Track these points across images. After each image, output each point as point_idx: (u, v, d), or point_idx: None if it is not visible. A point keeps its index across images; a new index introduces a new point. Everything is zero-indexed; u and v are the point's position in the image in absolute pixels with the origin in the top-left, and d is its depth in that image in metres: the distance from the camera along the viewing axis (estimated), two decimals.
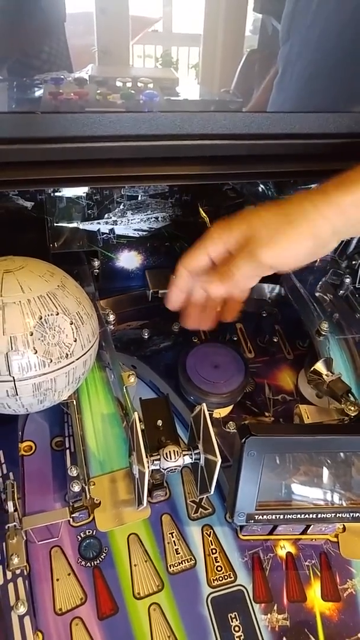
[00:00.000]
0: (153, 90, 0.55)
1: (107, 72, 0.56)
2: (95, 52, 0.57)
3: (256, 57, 0.67)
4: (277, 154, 0.47)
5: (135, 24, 0.57)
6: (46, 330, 0.37)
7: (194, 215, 0.59)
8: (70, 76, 0.57)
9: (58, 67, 0.59)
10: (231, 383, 0.49)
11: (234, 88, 0.65)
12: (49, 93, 0.54)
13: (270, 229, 0.38)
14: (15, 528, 0.37)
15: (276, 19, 0.64)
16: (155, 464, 0.37)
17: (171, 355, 0.54)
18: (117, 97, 0.54)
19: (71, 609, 0.37)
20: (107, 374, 0.51)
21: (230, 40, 0.62)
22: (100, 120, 0.40)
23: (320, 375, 0.46)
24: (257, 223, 0.39)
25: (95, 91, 0.54)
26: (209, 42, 0.60)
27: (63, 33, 0.58)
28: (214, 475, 0.36)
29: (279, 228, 0.37)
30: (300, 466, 0.39)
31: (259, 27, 0.66)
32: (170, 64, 0.63)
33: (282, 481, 0.39)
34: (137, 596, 0.38)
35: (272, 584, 0.39)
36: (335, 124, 0.47)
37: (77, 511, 0.40)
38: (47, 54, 0.59)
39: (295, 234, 0.37)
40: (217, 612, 0.38)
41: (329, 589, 0.40)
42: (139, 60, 0.61)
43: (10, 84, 0.59)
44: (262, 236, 0.38)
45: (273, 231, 0.37)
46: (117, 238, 0.58)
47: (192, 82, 0.65)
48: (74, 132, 0.40)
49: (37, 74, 0.58)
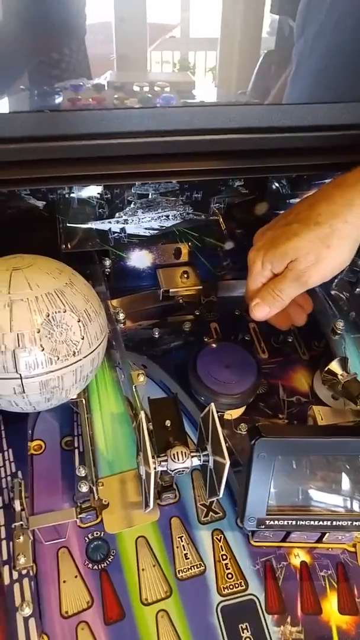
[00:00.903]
0: (170, 93, 0.55)
1: (125, 77, 0.56)
2: (114, 60, 0.58)
3: (273, 58, 0.66)
4: (289, 147, 0.46)
5: (153, 31, 0.58)
6: (53, 328, 0.37)
7: (205, 213, 0.58)
8: (89, 83, 0.58)
9: (77, 75, 0.60)
10: (243, 384, 0.48)
11: (251, 89, 0.65)
12: (67, 99, 0.55)
13: (310, 257, 0.41)
14: (22, 527, 0.36)
15: (293, 19, 0.63)
16: (162, 465, 0.36)
17: (182, 354, 0.53)
18: (134, 102, 0.54)
19: (77, 613, 0.36)
20: (118, 373, 0.50)
21: (247, 42, 0.62)
22: (108, 116, 0.40)
23: (335, 376, 0.44)
24: (296, 253, 0.41)
25: (112, 96, 0.54)
26: (226, 45, 0.60)
27: (83, 42, 0.59)
28: (222, 478, 0.35)
29: (320, 254, 0.40)
30: (316, 470, 0.37)
31: (276, 28, 0.65)
32: (188, 68, 0.63)
33: (295, 486, 0.37)
34: (145, 602, 0.37)
35: (285, 595, 0.38)
36: (350, 115, 0.45)
37: (85, 512, 0.39)
38: (67, 62, 0.60)
39: (336, 253, 0.41)
40: (227, 622, 0.36)
41: (347, 602, 0.38)
42: (156, 65, 0.62)
43: (30, 92, 0.60)
44: (306, 265, 0.41)
45: (314, 258, 0.41)
46: (128, 237, 0.58)
47: (209, 84, 0.65)
48: (82, 129, 0.40)
49: (56, 82, 0.59)
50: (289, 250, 0.41)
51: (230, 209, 0.59)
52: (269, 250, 0.43)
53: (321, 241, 0.40)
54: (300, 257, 0.41)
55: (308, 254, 0.40)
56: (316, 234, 0.40)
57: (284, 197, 0.59)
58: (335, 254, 0.40)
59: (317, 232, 0.40)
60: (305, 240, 0.41)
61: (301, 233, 0.41)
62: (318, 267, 0.40)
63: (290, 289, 0.42)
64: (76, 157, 0.42)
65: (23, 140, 0.41)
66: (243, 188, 0.57)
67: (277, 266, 0.43)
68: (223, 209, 0.58)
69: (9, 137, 0.40)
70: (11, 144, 0.40)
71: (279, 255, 0.42)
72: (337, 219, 0.40)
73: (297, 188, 0.58)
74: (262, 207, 0.59)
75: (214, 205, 0.57)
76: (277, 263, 0.42)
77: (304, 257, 0.41)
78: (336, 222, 0.40)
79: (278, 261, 0.42)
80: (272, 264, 0.43)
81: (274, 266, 0.43)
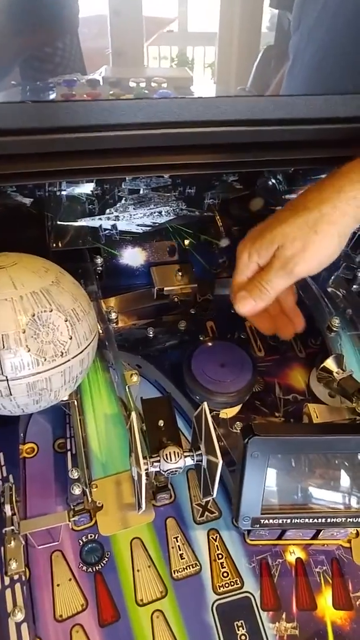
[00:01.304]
0: (167, 89, 0.54)
1: (121, 73, 0.56)
2: (109, 54, 0.57)
3: (273, 53, 0.65)
4: (282, 140, 0.45)
5: (149, 25, 0.57)
6: (39, 328, 0.36)
7: (199, 209, 0.58)
8: (84, 78, 0.57)
9: (71, 70, 0.59)
10: (238, 382, 0.47)
11: (250, 85, 0.64)
12: (61, 95, 0.54)
13: (297, 243, 0.39)
14: (13, 532, 0.36)
15: (292, 13, 0.62)
16: (155, 465, 0.35)
17: (177, 354, 0.53)
18: (130, 98, 0.53)
19: (72, 616, 0.36)
20: (111, 373, 0.50)
21: (247, 37, 0.61)
22: (94, 108, 0.39)
23: (331, 373, 0.44)
24: (283, 239, 0.40)
25: (107, 92, 0.53)
26: (224, 40, 0.59)
27: (76, 36, 0.58)
28: (215, 477, 0.34)
29: (307, 240, 0.39)
30: (311, 467, 0.37)
31: (275, 23, 0.64)
32: (186, 63, 0.62)
33: (289, 484, 0.37)
34: (140, 603, 0.37)
35: (280, 591, 0.38)
36: (345, 108, 0.44)
37: (78, 515, 0.39)
38: (60, 56, 0.59)
39: (323, 240, 0.39)
40: (223, 620, 0.36)
41: (341, 597, 0.38)
42: (153, 61, 0.61)
43: (23, 87, 0.59)
44: (292, 252, 0.39)
45: (301, 244, 0.39)
46: (120, 234, 0.57)
47: (208, 80, 0.64)
48: (70, 121, 0.39)
49: (50, 76, 0.58)
50: (276, 236, 0.40)
51: (225, 205, 0.58)
52: (256, 239, 0.41)
53: (309, 226, 0.39)
54: (287, 243, 0.39)
55: (295, 240, 0.39)
56: (304, 219, 0.39)
57: (279, 192, 0.58)
58: (323, 241, 0.39)
59: (304, 217, 0.39)
60: (293, 226, 0.39)
61: (289, 219, 0.40)
62: (305, 254, 0.39)
63: (277, 278, 0.40)
64: (64, 150, 0.41)
65: (7, 133, 0.39)
66: (237, 183, 0.56)
67: (263, 255, 0.41)
68: (217, 205, 0.57)
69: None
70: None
71: (265, 242, 0.40)
72: (326, 204, 0.38)
73: (293, 183, 0.57)
74: (257, 202, 0.58)
75: (208, 200, 0.57)
76: (263, 252, 0.41)
77: (291, 243, 0.39)
78: (325, 207, 0.38)
79: (265, 249, 0.41)
80: (259, 253, 0.41)
81: (261, 256, 0.41)
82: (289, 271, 0.39)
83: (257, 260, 0.42)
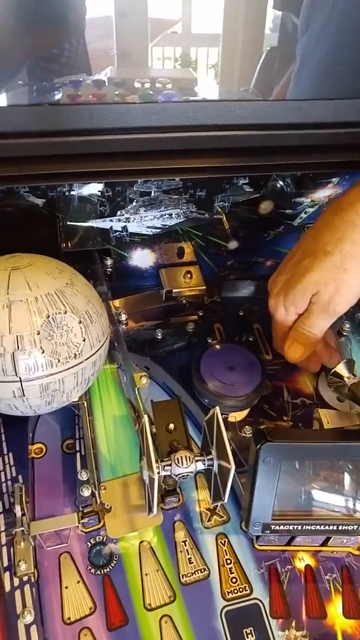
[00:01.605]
0: (171, 90, 0.54)
1: (126, 74, 0.56)
2: (115, 55, 0.57)
3: (276, 54, 0.65)
4: (294, 145, 0.45)
5: (154, 26, 0.57)
6: (54, 329, 0.36)
7: (209, 212, 0.57)
8: (89, 78, 0.57)
9: (77, 70, 0.59)
10: (247, 385, 0.47)
11: (254, 86, 0.64)
12: (67, 95, 0.54)
13: (331, 286, 0.41)
14: (23, 533, 0.36)
15: (296, 15, 0.62)
16: (166, 469, 0.35)
17: (185, 356, 0.53)
18: (135, 98, 0.53)
19: (80, 619, 0.36)
20: (120, 375, 0.50)
21: (250, 39, 0.61)
22: (109, 111, 0.39)
23: (342, 378, 0.44)
24: (316, 287, 0.41)
25: (113, 93, 0.53)
26: (228, 41, 0.60)
27: (83, 37, 0.58)
28: (227, 482, 0.34)
29: (339, 280, 0.41)
30: (321, 473, 0.37)
31: (278, 24, 0.64)
32: (189, 64, 0.62)
33: (300, 489, 0.37)
34: (148, 607, 0.36)
35: (290, 599, 0.37)
36: (355, 112, 0.44)
37: (87, 517, 0.39)
38: (67, 57, 0.60)
39: (354, 276, 0.41)
40: (232, 626, 0.36)
41: (352, 606, 0.37)
42: (157, 62, 0.61)
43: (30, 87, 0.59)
44: (329, 296, 0.41)
45: (335, 286, 0.41)
46: (130, 236, 0.57)
47: (211, 81, 0.64)
48: (82, 124, 0.39)
49: (56, 77, 0.58)
50: (308, 286, 0.42)
51: (235, 208, 0.58)
52: (287, 293, 0.43)
53: (336, 267, 0.40)
54: (321, 289, 0.41)
55: (328, 284, 0.41)
56: (329, 263, 0.41)
57: (288, 195, 0.58)
58: (354, 276, 0.41)
59: (329, 261, 0.41)
60: (321, 271, 0.41)
61: (314, 266, 0.41)
62: (341, 292, 0.41)
63: (320, 321, 0.43)
64: (77, 153, 0.41)
65: (21, 136, 0.40)
66: (248, 186, 0.56)
67: (300, 305, 0.43)
68: (227, 208, 0.57)
69: (6, 132, 0.39)
70: (8, 139, 0.38)
71: (299, 294, 0.42)
72: (345, 243, 0.40)
73: (302, 187, 0.57)
74: (267, 206, 0.58)
75: (217, 204, 0.57)
76: (299, 302, 0.43)
77: (325, 288, 0.41)
78: (345, 246, 0.40)
79: (300, 300, 0.43)
80: (295, 305, 0.43)
81: (297, 306, 0.43)
82: (331, 312, 0.42)
83: (295, 311, 0.44)
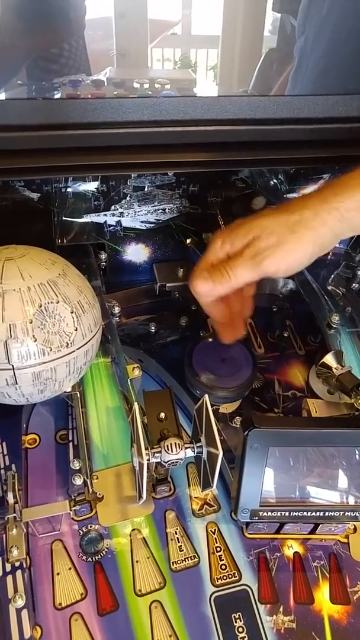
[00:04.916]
0: (170, 91, 0.55)
1: (125, 74, 0.56)
2: (114, 56, 0.57)
3: (275, 56, 0.66)
4: (284, 140, 0.46)
5: (154, 28, 0.58)
6: (46, 319, 0.36)
7: (202, 207, 0.58)
8: (88, 79, 0.58)
9: (77, 70, 0.59)
10: (238, 377, 0.48)
11: (252, 88, 0.65)
12: (66, 95, 0.54)
13: (273, 238, 0.39)
14: (15, 520, 0.36)
15: (295, 17, 0.63)
16: (156, 456, 0.36)
17: (178, 349, 0.53)
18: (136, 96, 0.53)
19: (71, 604, 0.36)
20: (113, 367, 0.50)
21: (249, 41, 0.62)
22: (102, 106, 0.39)
23: (330, 369, 0.44)
24: (260, 231, 0.39)
25: (112, 93, 0.54)
26: (227, 43, 0.60)
27: (82, 37, 0.59)
28: (215, 468, 0.35)
29: (282, 237, 0.39)
30: (309, 462, 0.37)
31: (277, 26, 0.65)
32: (189, 65, 0.63)
33: (288, 477, 0.37)
34: (139, 593, 0.37)
35: (278, 585, 0.38)
36: (345, 107, 0.45)
37: (79, 505, 0.39)
38: (67, 57, 0.60)
39: (298, 243, 0.39)
40: (221, 612, 0.36)
41: (338, 592, 0.38)
42: (157, 62, 0.62)
43: (29, 86, 0.60)
44: (266, 244, 0.39)
45: (276, 240, 0.39)
46: (124, 230, 0.58)
47: (210, 82, 0.64)
48: (77, 118, 0.39)
49: (56, 77, 0.59)
50: (253, 228, 0.40)
51: (228, 203, 0.58)
52: (233, 228, 0.41)
53: (287, 225, 0.39)
54: (263, 235, 0.39)
55: (271, 234, 0.39)
56: (284, 219, 0.39)
57: (281, 191, 0.59)
58: (298, 243, 0.38)
59: (285, 217, 0.39)
60: (272, 221, 0.39)
61: (270, 215, 0.40)
62: (277, 250, 0.38)
63: (243, 268, 0.39)
64: (71, 146, 0.41)
65: (15, 129, 0.40)
66: (240, 182, 0.57)
67: (237, 244, 0.40)
68: (220, 203, 0.58)
69: (2, 125, 0.39)
70: (4, 132, 0.39)
71: (242, 232, 0.40)
72: (308, 210, 0.39)
73: (293, 182, 0.58)
74: (259, 201, 0.59)
75: (211, 199, 0.57)
76: (238, 240, 0.40)
77: (267, 235, 0.39)
78: (306, 212, 0.39)
79: (240, 238, 0.40)
80: (233, 241, 0.40)
81: (234, 245, 0.40)
82: (257, 263, 0.39)
83: (228, 249, 0.41)
